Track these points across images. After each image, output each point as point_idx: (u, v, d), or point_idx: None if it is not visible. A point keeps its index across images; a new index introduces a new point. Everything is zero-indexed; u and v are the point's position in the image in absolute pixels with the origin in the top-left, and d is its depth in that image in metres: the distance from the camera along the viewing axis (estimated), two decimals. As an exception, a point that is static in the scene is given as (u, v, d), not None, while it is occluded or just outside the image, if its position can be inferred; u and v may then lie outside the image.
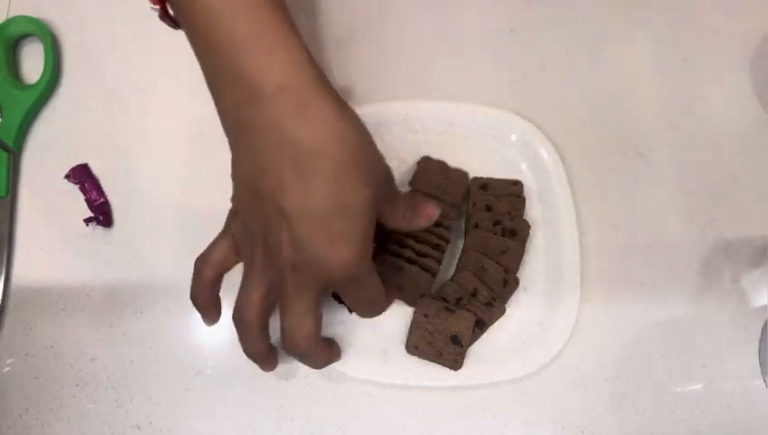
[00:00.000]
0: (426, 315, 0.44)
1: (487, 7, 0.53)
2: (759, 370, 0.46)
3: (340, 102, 0.35)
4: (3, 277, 0.47)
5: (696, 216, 0.49)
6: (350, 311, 0.46)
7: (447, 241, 0.46)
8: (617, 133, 0.51)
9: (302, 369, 0.45)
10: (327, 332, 0.45)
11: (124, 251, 0.48)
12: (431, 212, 0.40)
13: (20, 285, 0.47)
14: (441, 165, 0.48)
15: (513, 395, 0.45)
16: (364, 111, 0.47)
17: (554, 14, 0.53)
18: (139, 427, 0.45)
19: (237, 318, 0.38)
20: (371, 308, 0.40)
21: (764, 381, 0.45)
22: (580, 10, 0.53)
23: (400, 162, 0.49)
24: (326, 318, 0.45)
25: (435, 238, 0.46)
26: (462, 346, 0.44)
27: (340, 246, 0.34)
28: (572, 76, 0.52)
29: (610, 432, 0.45)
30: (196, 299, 0.40)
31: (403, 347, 0.45)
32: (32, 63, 0.52)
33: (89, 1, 0.53)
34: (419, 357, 0.44)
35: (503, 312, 0.45)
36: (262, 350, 0.40)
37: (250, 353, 0.40)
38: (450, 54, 0.52)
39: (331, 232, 0.34)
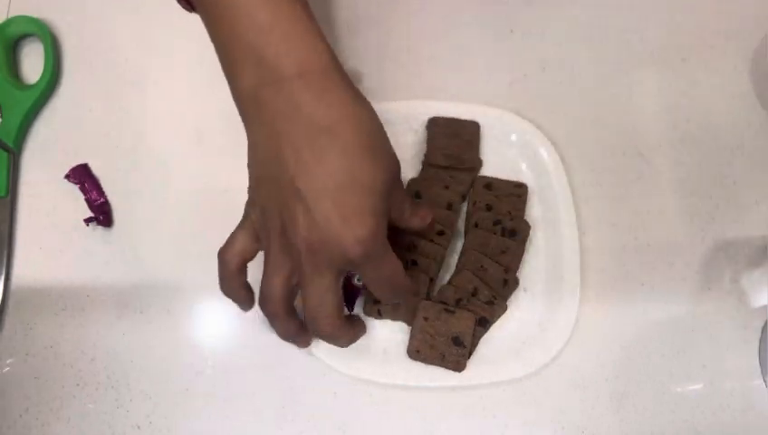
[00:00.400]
0: (426, 319, 0.44)
1: (487, 7, 0.53)
2: (759, 370, 0.46)
3: (354, 89, 0.36)
4: (3, 277, 0.47)
5: (696, 216, 0.49)
6: (351, 308, 0.46)
7: (452, 228, 0.46)
8: (617, 133, 0.51)
9: (303, 369, 0.45)
10: None
11: (124, 251, 0.48)
12: (425, 215, 0.42)
13: (20, 285, 0.47)
14: (450, 128, 0.48)
15: (513, 395, 0.45)
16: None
17: (554, 14, 0.53)
18: (138, 427, 0.45)
19: (263, 305, 0.38)
20: (392, 289, 0.39)
21: (764, 381, 0.45)
22: (580, 10, 0.53)
23: (401, 162, 0.49)
24: None
25: (439, 225, 0.46)
26: (464, 347, 0.44)
27: (354, 223, 0.34)
28: (572, 76, 0.52)
29: (610, 432, 0.45)
30: (226, 290, 0.40)
31: (403, 346, 0.45)
32: (32, 63, 0.52)
33: (89, 1, 0.53)
34: (422, 362, 0.44)
35: (504, 309, 0.45)
36: (292, 331, 0.40)
37: (281, 336, 0.40)
38: (450, 54, 0.52)
39: (346, 209, 0.34)
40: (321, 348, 0.45)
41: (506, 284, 0.45)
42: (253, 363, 0.46)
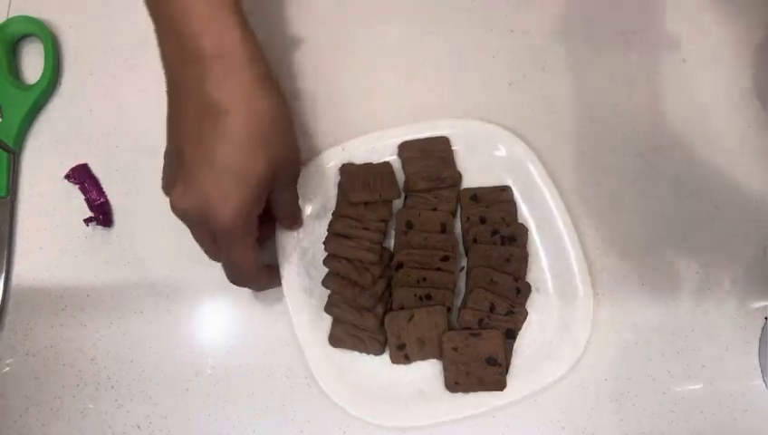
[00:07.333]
0: (455, 349, 0.43)
1: (489, 7, 0.53)
2: (759, 370, 0.46)
3: (265, 80, 0.37)
4: (3, 277, 0.47)
5: (696, 216, 0.49)
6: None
7: (455, 251, 0.46)
8: (617, 133, 0.51)
9: (302, 369, 0.45)
10: (362, 381, 0.45)
11: (124, 251, 0.48)
12: (291, 226, 0.46)
13: (20, 285, 0.47)
14: (421, 149, 0.48)
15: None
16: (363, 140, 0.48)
17: (554, 14, 0.53)
18: (138, 427, 0.45)
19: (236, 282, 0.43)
20: (236, 275, 0.41)
21: (764, 381, 0.45)
22: (580, 11, 0.53)
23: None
24: (361, 368, 0.45)
25: (441, 251, 0.45)
26: (500, 365, 0.43)
27: (220, 204, 0.36)
28: (573, 77, 0.52)
29: (610, 432, 0.45)
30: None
31: (438, 383, 0.44)
32: (32, 63, 0.52)
33: (89, 1, 0.53)
34: (463, 392, 0.44)
35: (525, 315, 0.45)
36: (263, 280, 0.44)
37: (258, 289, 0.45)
38: (447, 60, 0.52)
39: (218, 189, 0.36)
40: (358, 407, 0.44)
41: (519, 292, 0.45)
42: (253, 363, 0.46)
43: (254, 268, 0.41)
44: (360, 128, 0.49)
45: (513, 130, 0.49)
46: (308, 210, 0.47)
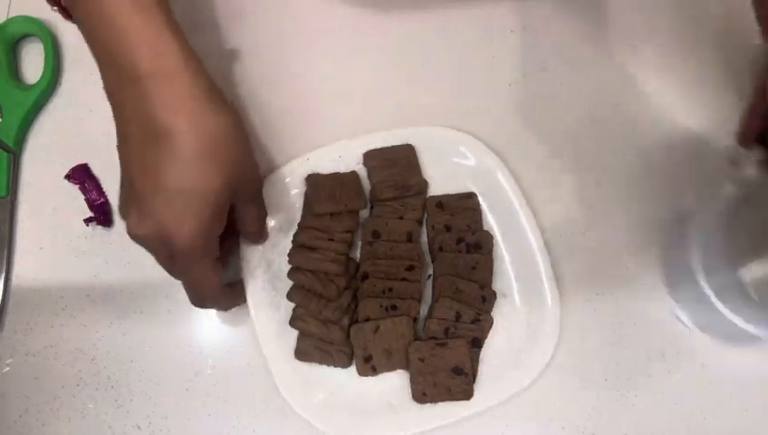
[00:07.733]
0: (421, 359, 0.43)
1: (488, 7, 0.53)
2: (758, 367, 0.46)
3: (210, 94, 0.37)
4: (3, 277, 0.47)
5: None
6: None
7: (420, 261, 0.45)
8: (615, 133, 0.51)
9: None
10: (330, 394, 0.44)
11: (124, 251, 0.48)
12: (264, 237, 0.46)
13: (20, 285, 0.47)
14: (385, 158, 0.48)
15: (514, 395, 0.45)
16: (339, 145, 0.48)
17: (554, 14, 0.53)
18: (139, 427, 0.45)
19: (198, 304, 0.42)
20: (196, 298, 0.41)
21: (678, 315, 0.46)
22: (579, 11, 0.53)
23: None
24: (328, 382, 0.45)
25: (406, 260, 0.45)
26: (467, 374, 0.43)
27: (176, 224, 0.35)
28: (573, 77, 0.52)
29: (610, 432, 0.45)
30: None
31: (406, 394, 0.44)
32: (32, 63, 0.52)
33: (89, 1, 0.53)
34: (431, 402, 0.43)
35: (491, 322, 0.45)
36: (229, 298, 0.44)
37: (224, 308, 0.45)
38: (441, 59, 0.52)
39: (173, 210, 0.35)
40: (326, 420, 0.43)
41: (485, 299, 0.45)
42: (253, 363, 0.46)
43: (216, 290, 0.40)
44: (331, 136, 0.49)
45: (513, 130, 0.50)
46: (272, 222, 0.47)
